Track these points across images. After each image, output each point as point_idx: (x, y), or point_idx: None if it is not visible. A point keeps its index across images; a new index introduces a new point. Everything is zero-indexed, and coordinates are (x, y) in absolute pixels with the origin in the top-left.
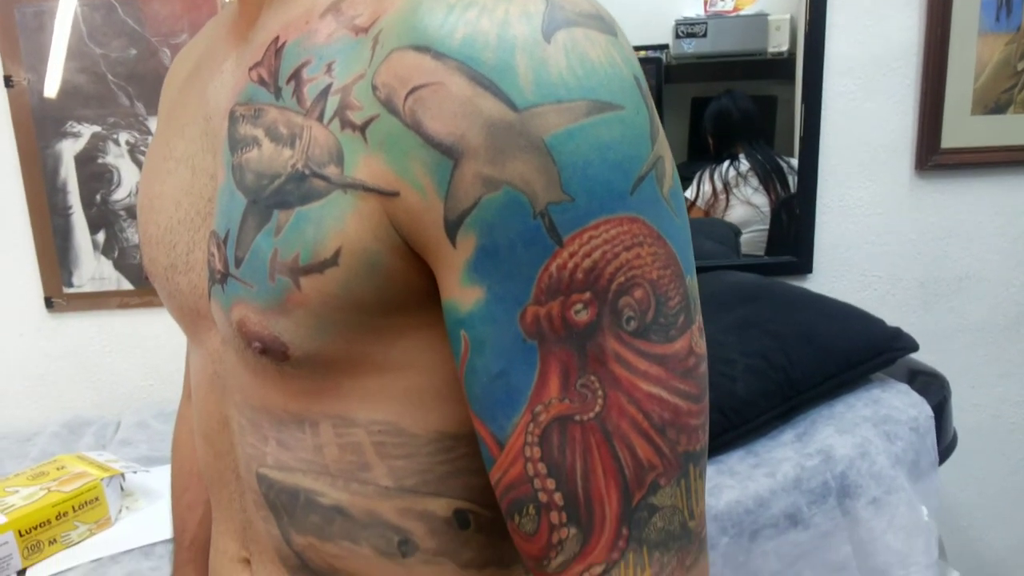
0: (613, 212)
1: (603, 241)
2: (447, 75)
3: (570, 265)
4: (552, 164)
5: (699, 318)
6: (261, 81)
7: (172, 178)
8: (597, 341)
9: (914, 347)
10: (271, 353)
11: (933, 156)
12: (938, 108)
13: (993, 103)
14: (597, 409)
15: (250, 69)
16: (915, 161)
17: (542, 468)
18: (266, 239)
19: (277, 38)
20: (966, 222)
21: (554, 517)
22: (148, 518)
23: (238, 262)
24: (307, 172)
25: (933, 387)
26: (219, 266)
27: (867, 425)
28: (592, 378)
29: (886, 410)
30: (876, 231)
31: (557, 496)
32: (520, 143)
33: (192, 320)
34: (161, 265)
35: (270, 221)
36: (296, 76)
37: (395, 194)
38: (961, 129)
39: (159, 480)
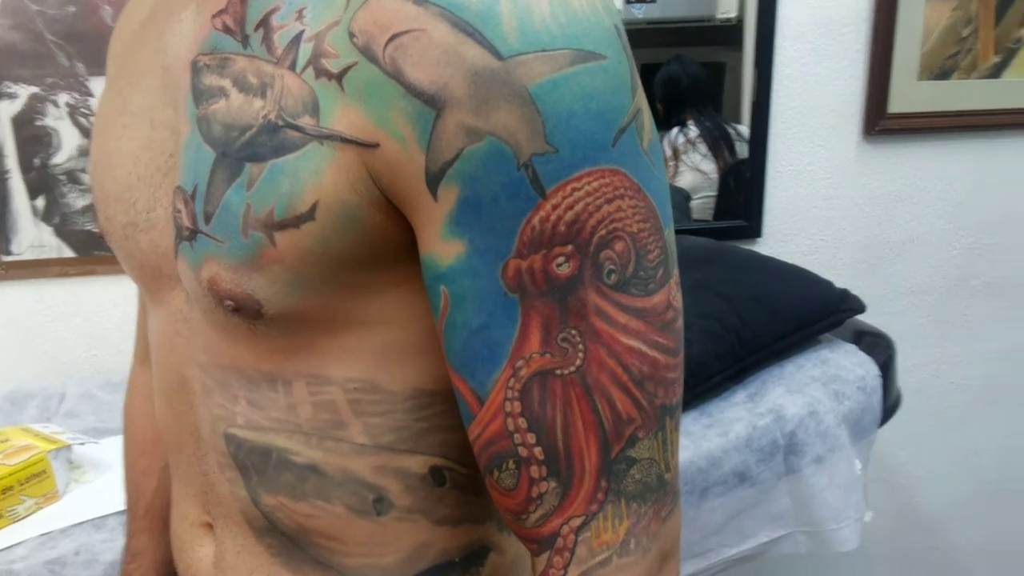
0: (595, 164)
1: (585, 193)
2: (429, 21)
3: (553, 218)
4: (536, 114)
5: (676, 272)
6: (226, 29)
7: (129, 132)
8: (578, 294)
9: (861, 308)
10: (244, 311)
11: (881, 121)
12: (886, 73)
13: (939, 69)
14: (578, 363)
15: (213, 17)
16: (863, 126)
17: (522, 423)
18: (237, 193)
19: None
20: (911, 187)
21: (534, 471)
22: (98, 490)
23: (207, 218)
24: (280, 123)
25: (879, 347)
26: (187, 222)
27: (816, 385)
28: (573, 332)
29: (835, 370)
30: (824, 195)
31: (537, 450)
32: (504, 92)
33: (153, 280)
34: (119, 223)
35: (241, 175)
36: (265, 23)
37: (374, 145)
38: (908, 95)
39: (108, 452)
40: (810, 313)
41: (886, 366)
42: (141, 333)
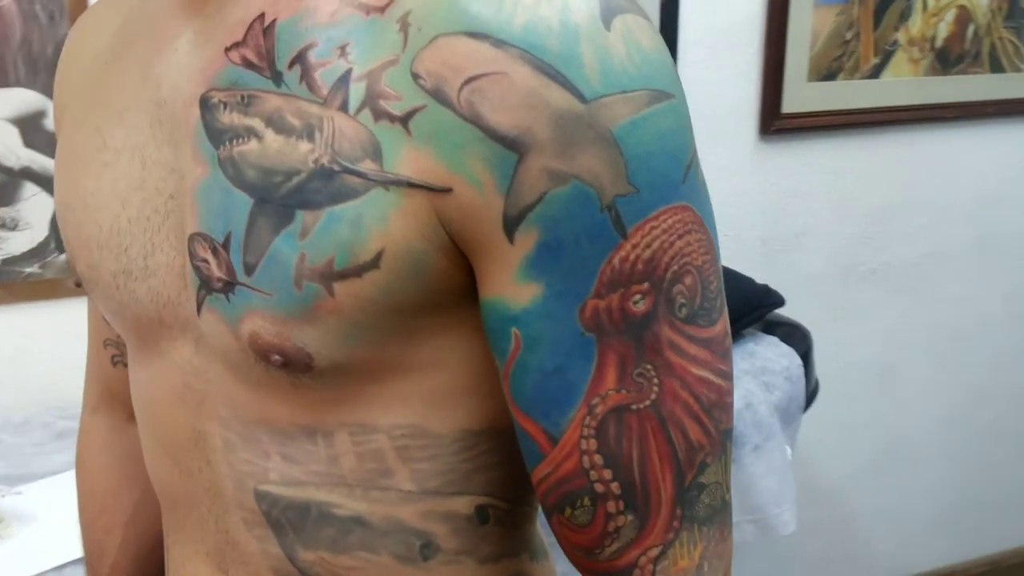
0: (670, 202)
1: (661, 231)
2: (510, 64)
3: (632, 257)
4: (620, 156)
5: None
6: (247, 64)
7: (112, 172)
8: (653, 330)
9: (781, 302)
10: (292, 366)
11: (775, 121)
12: (779, 76)
13: (826, 70)
14: (653, 397)
15: (227, 50)
16: (759, 126)
17: (598, 459)
18: (288, 242)
19: (262, 16)
20: (803, 182)
21: (611, 506)
22: (25, 546)
23: (249, 268)
24: (336, 168)
25: (796, 337)
26: (219, 273)
27: (748, 377)
28: (648, 366)
29: (762, 362)
30: (725, 193)
31: (614, 486)
32: (589, 135)
33: (150, 331)
34: (107, 271)
35: (292, 223)
36: (301, 60)
37: (447, 190)
38: (799, 96)
39: (32, 501)
40: (737, 309)
41: (806, 355)
42: (94, 379)
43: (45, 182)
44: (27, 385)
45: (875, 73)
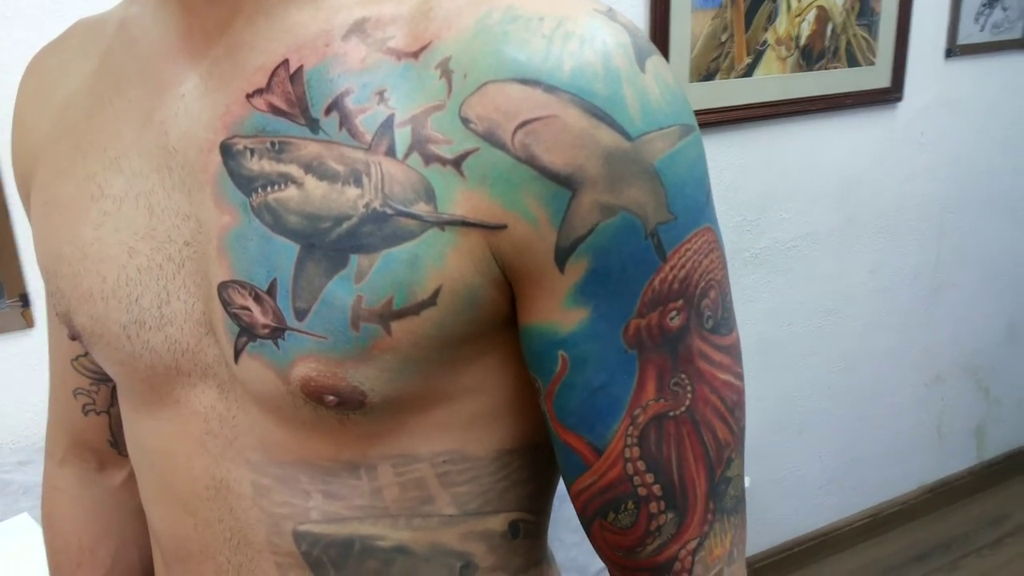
0: (699, 225)
1: (693, 252)
2: (562, 108)
3: (670, 277)
4: (661, 187)
5: None
6: (275, 111)
7: (112, 221)
8: (686, 342)
9: None
10: (346, 404)
11: None
12: None
13: (706, 71)
14: (687, 403)
15: (249, 97)
16: None
17: (641, 465)
18: (343, 286)
19: (286, 62)
20: None
21: (653, 507)
22: None
23: (300, 314)
24: (390, 212)
25: None
26: (265, 320)
27: None
28: (683, 376)
29: None
30: None
31: (656, 488)
32: (635, 170)
33: (166, 379)
34: (116, 323)
35: (346, 267)
36: (338, 107)
37: (502, 227)
38: None
39: None
40: None
41: None
42: (61, 430)
43: None
44: None
45: (749, 72)
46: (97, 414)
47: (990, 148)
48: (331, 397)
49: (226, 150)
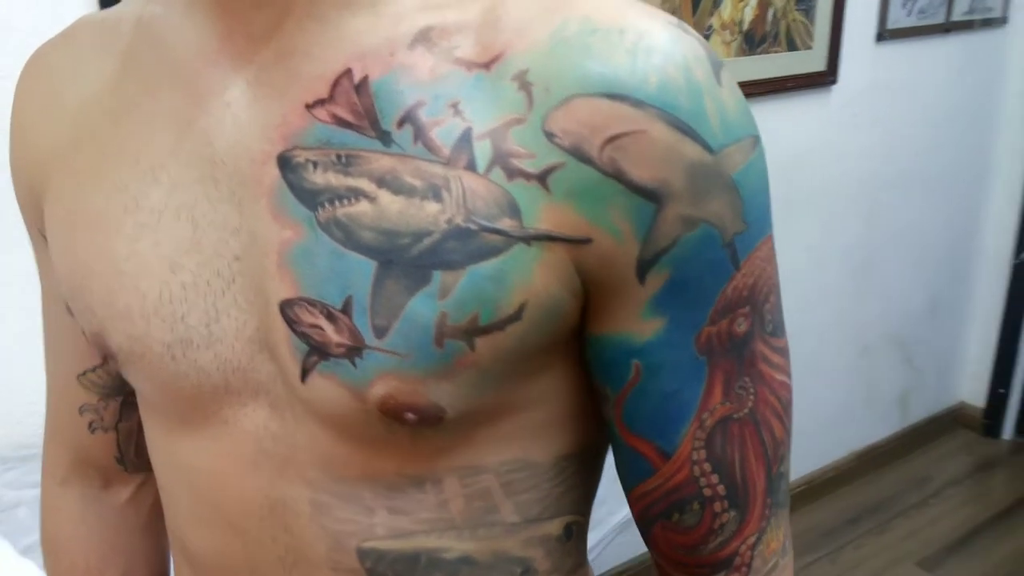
0: (764, 233)
1: (760, 259)
2: (649, 122)
3: (741, 285)
4: (739, 198)
5: None
6: (340, 122)
7: (151, 234)
8: (751, 346)
9: None
10: (424, 421)
11: None
12: None
13: None
14: (750, 405)
15: (310, 107)
16: None
17: (707, 467)
18: (426, 303)
19: (349, 72)
20: None
21: (717, 506)
22: None
23: (380, 331)
24: (474, 227)
25: None
26: (338, 339)
27: None
28: (746, 379)
29: None
30: None
31: (720, 488)
32: (717, 183)
33: (213, 398)
34: (159, 342)
35: (429, 283)
36: (411, 119)
37: (587, 241)
38: None
39: None
40: None
41: None
42: (64, 448)
43: None
44: None
45: None
46: (104, 431)
47: (916, 129)
48: (410, 414)
49: (285, 162)
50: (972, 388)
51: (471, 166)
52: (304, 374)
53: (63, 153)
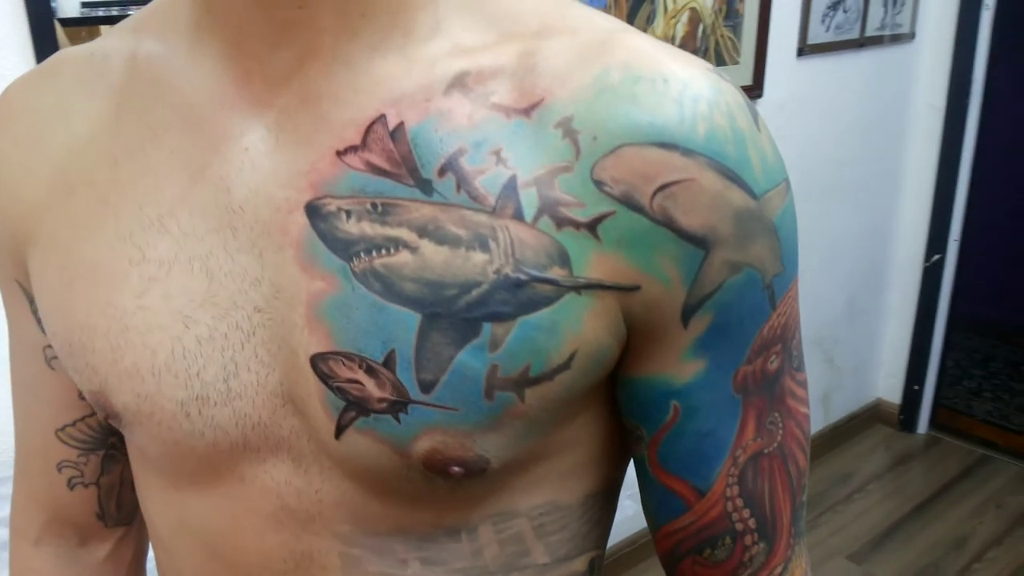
0: (795, 272)
1: (791, 298)
2: (698, 171)
3: (776, 324)
4: (777, 241)
5: None
6: (376, 170)
7: (161, 286)
8: (781, 383)
9: None
10: (469, 474)
11: None
12: None
13: None
14: (779, 439)
15: (341, 154)
16: None
17: (740, 503)
18: (476, 356)
19: (383, 118)
20: None
21: (747, 540)
22: None
23: (426, 386)
24: (523, 277)
25: None
26: (380, 393)
27: None
28: (776, 414)
29: None
30: None
31: (751, 522)
32: (759, 228)
33: (230, 455)
34: (172, 400)
35: (479, 336)
36: (453, 167)
37: (635, 288)
38: None
39: None
40: None
41: None
42: (38, 506)
43: None
44: None
45: None
46: (85, 487)
47: (833, 140)
48: (456, 468)
49: (315, 211)
50: (888, 385)
51: (518, 215)
52: (340, 430)
53: (54, 200)
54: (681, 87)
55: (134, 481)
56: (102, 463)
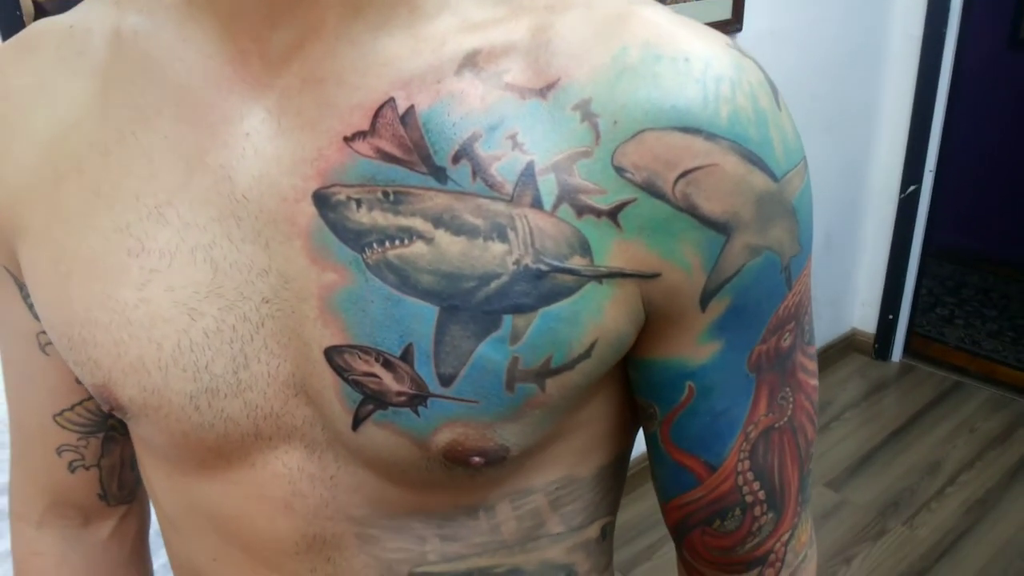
0: (809, 253)
1: (805, 276)
2: (721, 156)
3: (791, 304)
4: (796, 223)
5: None
6: (386, 157)
7: (163, 278)
8: (792, 358)
9: None
10: (490, 463)
11: None
12: None
13: None
14: (789, 413)
15: (349, 140)
16: None
17: (750, 476)
18: (496, 348)
19: (391, 101)
20: None
21: (756, 511)
22: None
23: (446, 380)
24: (544, 268)
25: None
26: (399, 387)
27: None
28: (787, 389)
29: None
30: None
31: (761, 494)
32: (779, 210)
33: (241, 445)
34: (180, 393)
35: (499, 328)
36: (468, 154)
37: (656, 275)
38: None
39: None
40: None
41: None
42: (39, 490)
43: None
44: None
45: None
46: (86, 469)
47: (810, 73)
48: (477, 458)
49: (323, 200)
50: (864, 315)
51: (536, 203)
52: (357, 423)
53: (42, 188)
54: (703, 66)
55: (138, 464)
56: (102, 445)
